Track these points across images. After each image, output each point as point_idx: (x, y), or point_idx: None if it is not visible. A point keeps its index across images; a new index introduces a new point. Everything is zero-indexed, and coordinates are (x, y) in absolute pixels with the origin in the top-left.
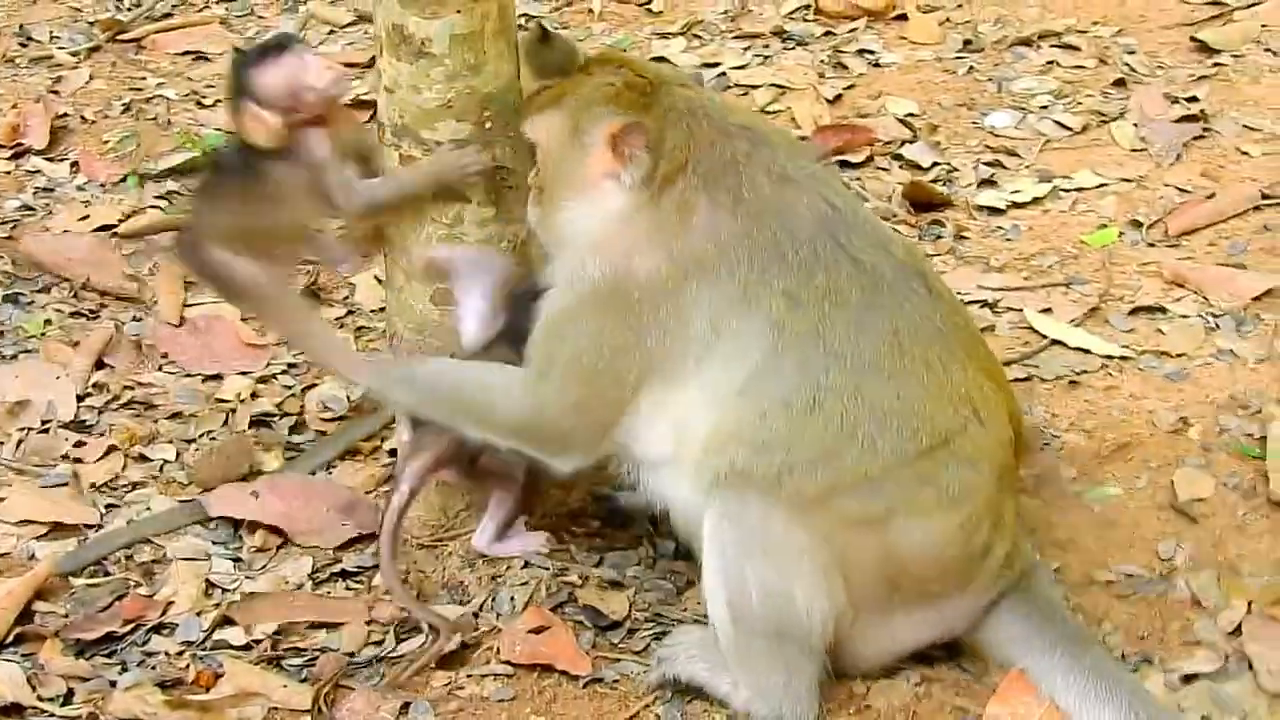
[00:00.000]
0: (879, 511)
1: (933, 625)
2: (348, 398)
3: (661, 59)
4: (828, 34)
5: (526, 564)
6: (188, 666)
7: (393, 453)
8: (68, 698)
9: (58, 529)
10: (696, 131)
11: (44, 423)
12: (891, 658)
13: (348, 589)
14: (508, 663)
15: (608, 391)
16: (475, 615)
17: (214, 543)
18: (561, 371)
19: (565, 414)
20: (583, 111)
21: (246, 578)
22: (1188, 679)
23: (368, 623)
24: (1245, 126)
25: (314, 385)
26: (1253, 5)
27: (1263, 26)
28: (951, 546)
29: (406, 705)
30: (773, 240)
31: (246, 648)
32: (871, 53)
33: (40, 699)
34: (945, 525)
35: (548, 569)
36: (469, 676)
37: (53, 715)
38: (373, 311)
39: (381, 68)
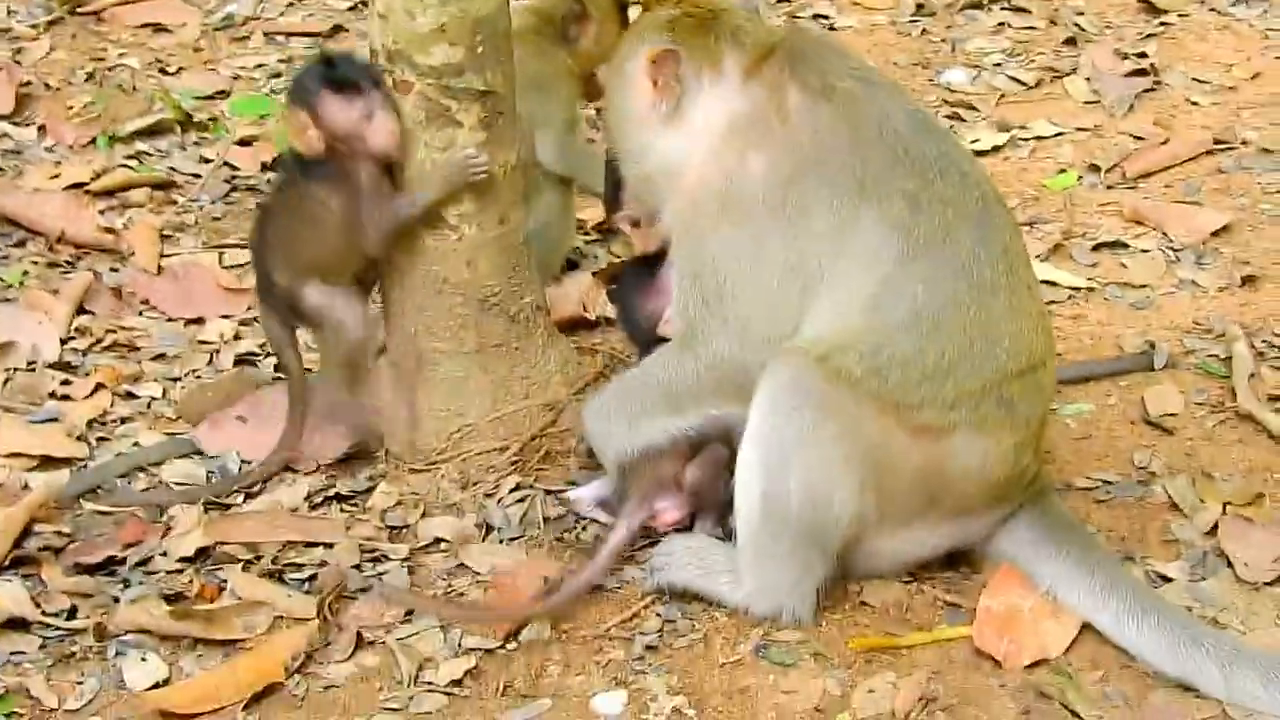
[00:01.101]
0: (949, 424)
1: (954, 537)
2: None
3: None
4: (781, 0)
5: (519, 485)
6: (190, 581)
7: None
8: (71, 613)
9: (47, 462)
10: (772, 34)
11: (29, 364)
12: (905, 565)
13: (343, 511)
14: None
15: (766, 310)
16: (480, 528)
17: (209, 471)
18: (718, 310)
19: (743, 351)
20: (628, 45)
21: (247, 497)
22: (1168, 576)
23: (362, 544)
24: (1194, 80)
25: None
26: None
27: None
28: (1001, 467)
29: (410, 612)
30: (878, 135)
31: (247, 565)
32: (826, 18)
33: (44, 614)
34: (1001, 446)
35: (540, 489)
36: (474, 584)
37: (58, 629)
38: None
39: None
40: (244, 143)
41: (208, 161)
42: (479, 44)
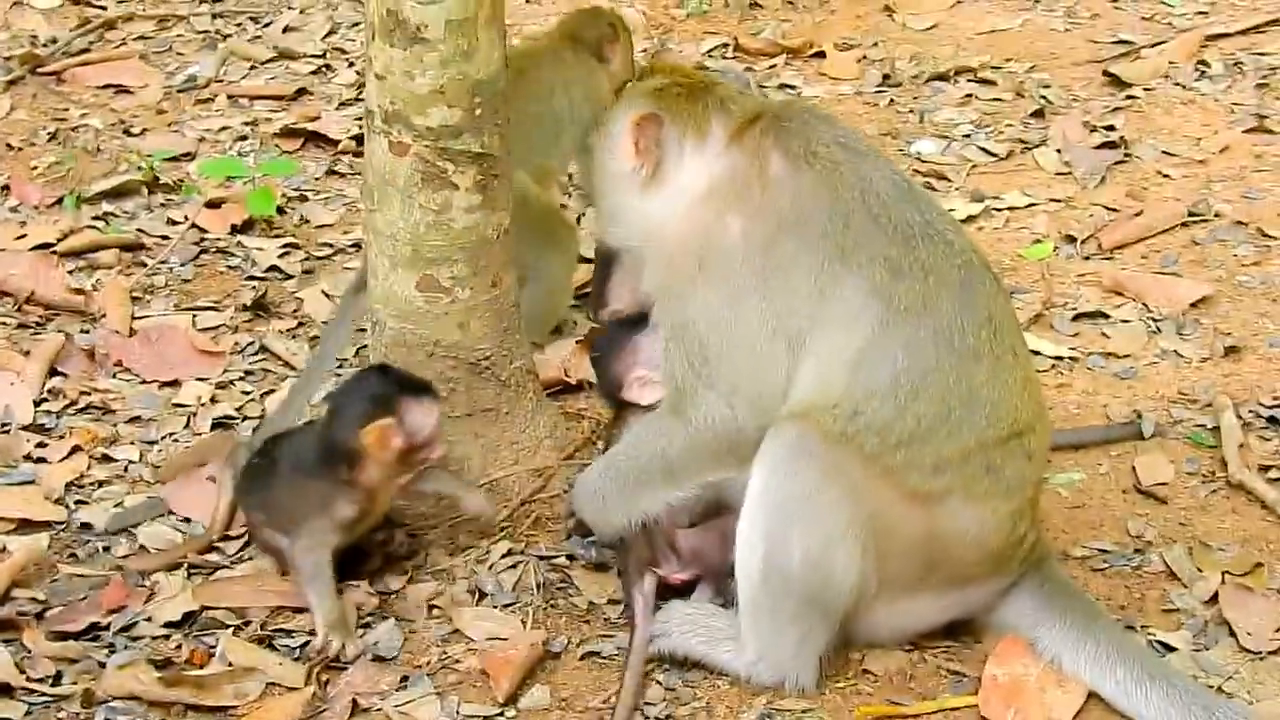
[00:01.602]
0: (938, 490)
1: (956, 607)
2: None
3: None
4: (748, 70)
5: (510, 551)
6: (179, 647)
7: None
8: (57, 679)
9: (25, 525)
10: (758, 104)
11: (3, 425)
12: (907, 635)
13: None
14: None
15: (752, 370)
16: (472, 593)
17: (187, 536)
18: (704, 372)
19: (735, 414)
20: (616, 109)
21: (224, 565)
22: (1170, 646)
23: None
24: (1164, 152)
25: (273, 390)
26: (1158, 44)
27: (1170, 63)
28: (997, 535)
29: (405, 678)
30: (860, 202)
31: (236, 630)
32: (793, 88)
33: (29, 680)
34: (996, 514)
35: (532, 555)
36: (468, 650)
37: (44, 695)
38: (324, 323)
39: (373, 55)
40: (212, 205)
41: (175, 223)
42: (477, 106)
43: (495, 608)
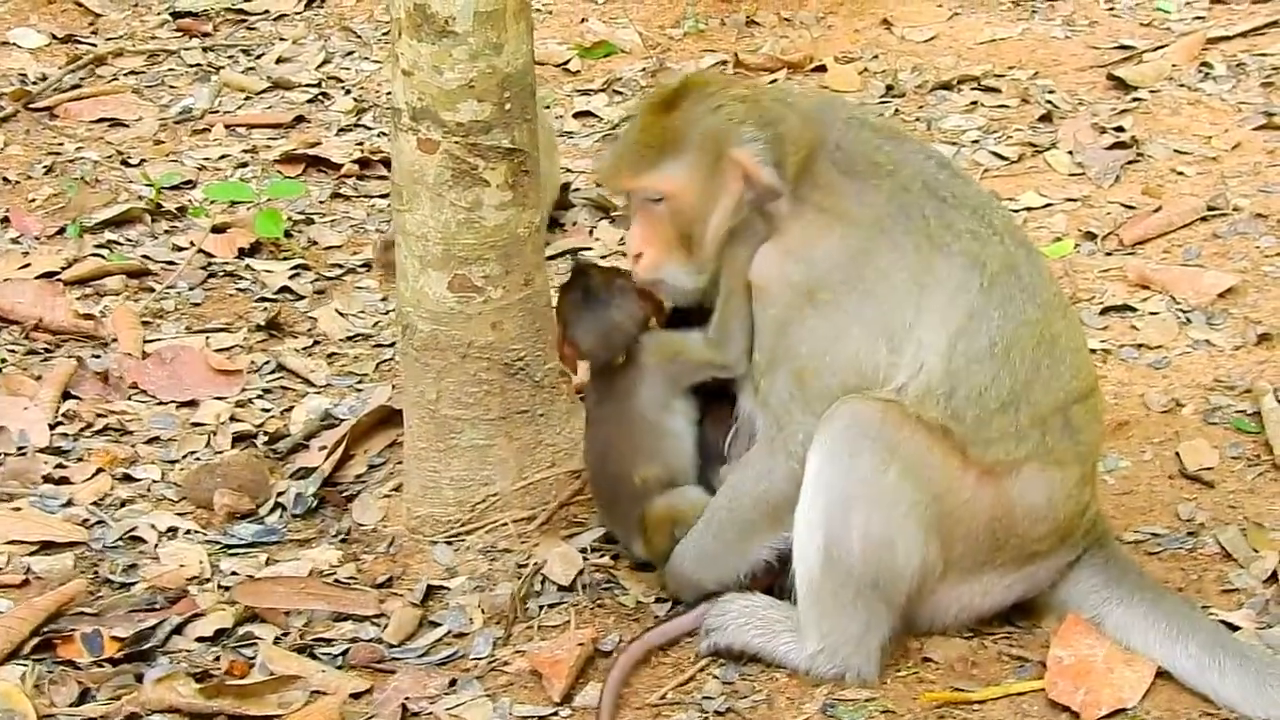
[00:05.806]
0: (1018, 458)
1: (1022, 585)
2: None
3: (587, 113)
4: None
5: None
6: (217, 659)
7: None
8: (90, 697)
9: (47, 547)
10: (804, 119)
11: (19, 449)
12: (973, 618)
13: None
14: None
15: (853, 382)
16: (515, 596)
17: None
18: (801, 397)
19: None
20: (718, 143)
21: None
22: (1234, 625)
23: (378, 615)
24: (1176, 151)
25: (292, 408)
26: (1160, 48)
27: (1173, 66)
28: (1066, 504)
29: (453, 681)
30: (925, 189)
31: (275, 640)
32: None
33: (67, 702)
34: (1067, 479)
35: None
36: (516, 653)
37: (81, 716)
38: (341, 340)
39: (400, 51)
40: (218, 229)
41: (181, 249)
42: (507, 100)
43: (541, 609)
